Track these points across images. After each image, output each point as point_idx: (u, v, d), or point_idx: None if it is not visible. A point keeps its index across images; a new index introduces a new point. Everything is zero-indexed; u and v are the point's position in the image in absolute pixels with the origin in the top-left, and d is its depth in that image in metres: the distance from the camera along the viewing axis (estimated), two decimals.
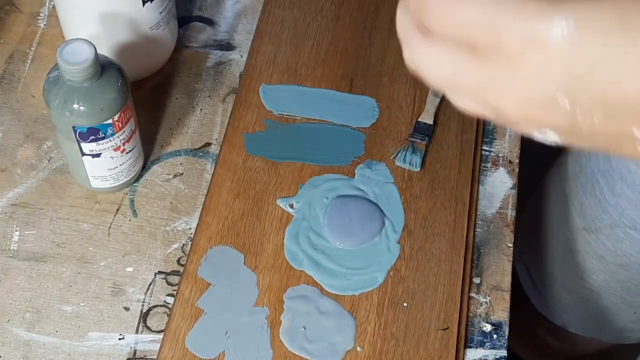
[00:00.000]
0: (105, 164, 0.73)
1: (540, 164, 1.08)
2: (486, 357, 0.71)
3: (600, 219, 0.90)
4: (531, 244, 1.07)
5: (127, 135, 0.73)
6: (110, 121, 0.70)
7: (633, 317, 0.99)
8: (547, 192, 1.02)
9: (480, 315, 0.73)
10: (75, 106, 0.68)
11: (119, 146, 0.73)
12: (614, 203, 0.86)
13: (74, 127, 0.69)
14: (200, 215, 0.75)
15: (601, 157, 0.86)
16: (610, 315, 0.99)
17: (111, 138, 0.71)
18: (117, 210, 0.77)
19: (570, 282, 0.99)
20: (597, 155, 0.86)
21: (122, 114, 0.70)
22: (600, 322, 1.02)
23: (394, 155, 0.79)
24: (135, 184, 0.79)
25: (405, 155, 0.78)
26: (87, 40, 0.67)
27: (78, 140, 0.70)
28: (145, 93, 0.84)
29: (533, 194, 1.07)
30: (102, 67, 0.68)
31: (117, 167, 0.74)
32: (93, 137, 0.70)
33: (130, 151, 0.74)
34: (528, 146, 0.92)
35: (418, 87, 0.84)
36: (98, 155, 0.72)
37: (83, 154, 0.72)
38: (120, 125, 0.71)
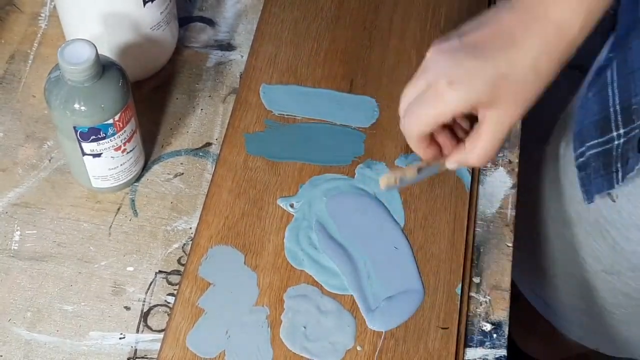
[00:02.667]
0: (106, 164, 0.74)
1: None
2: (486, 357, 0.71)
3: (619, 263, 0.87)
4: (539, 278, 1.05)
5: (127, 135, 0.73)
6: (111, 121, 0.70)
7: None
8: (547, 233, 0.99)
9: (480, 315, 0.73)
10: (76, 106, 0.68)
11: (120, 146, 0.73)
12: (631, 250, 0.84)
13: (74, 127, 0.69)
14: (201, 215, 0.76)
15: (602, 205, 0.84)
16: None
17: (112, 138, 0.71)
18: (118, 210, 0.77)
19: (597, 314, 0.97)
20: (598, 204, 0.84)
21: (123, 114, 0.70)
22: (634, 345, 1.01)
23: None
24: (135, 184, 0.79)
25: None
26: (88, 41, 0.67)
27: (79, 140, 0.71)
28: (146, 93, 0.84)
29: (529, 228, 1.03)
30: (103, 67, 0.68)
31: (117, 166, 0.74)
32: (94, 137, 0.70)
33: (131, 151, 0.74)
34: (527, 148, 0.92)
35: None
36: (99, 155, 0.72)
37: (84, 154, 0.72)
38: (121, 125, 0.71)
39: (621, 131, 0.76)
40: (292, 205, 0.76)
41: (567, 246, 0.94)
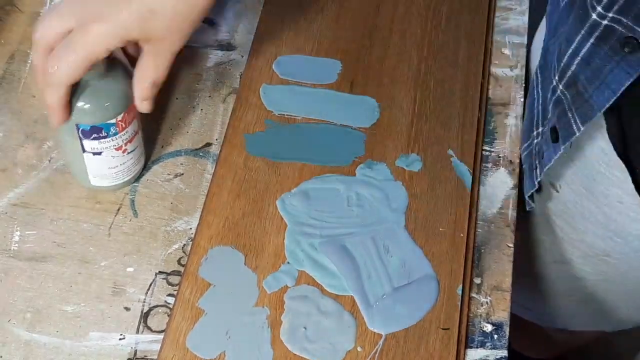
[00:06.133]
0: (106, 163, 0.73)
1: None
2: (487, 358, 0.71)
3: (569, 252, 0.88)
4: None
5: (129, 136, 0.73)
6: (113, 121, 0.70)
7: (627, 312, 0.99)
8: None
9: (480, 316, 0.73)
10: (80, 104, 0.68)
11: (121, 146, 0.73)
12: (579, 239, 0.85)
13: (77, 125, 0.69)
14: (201, 216, 0.75)
15: (548, 197, 0.84)
16: (607, 312, 0.99)
17: (113, 137, 0.71)
18: (118, 210, 0.77)
19: (564, 291, 0.98)
20: (542, 197, 0.85)
21: (126, 115, 0.70)
22: (599, 318, 1.02)
23: None
24: (135, 184, 0.79)
25: None
26: None
27: (80, 138, 0.70)
28: None
29: None
30: (109, 65, 0.68)
31: (117, 166, 0.74)
32: (95, 135, 0.70)
33: (132, 151, 0.74)
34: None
35: (418, 88, 0.84)
36: (99, 153, 0.72)
37: (84, 151, 0.72)
38: (124, 125, 0.71)
39: (540, 129, 0.77)
40: None
41: (520, 241, 0.94)
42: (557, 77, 0.69)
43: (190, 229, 0.76)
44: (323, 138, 0.80)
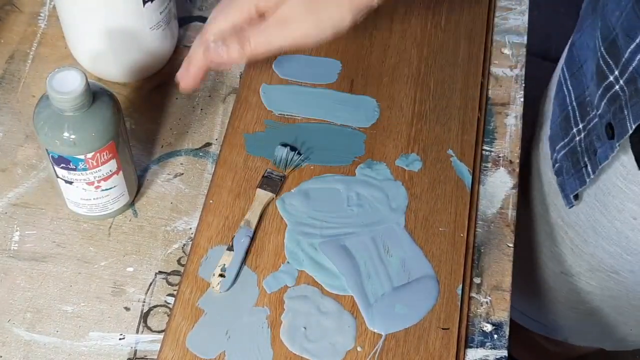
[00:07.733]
0: (78, 193, 0.72)
1: None
2: (487, 357, 0.71)
3: (578, 264, 0.87)
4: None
5: (103, 174, 0.70)
6: (82, 157, 0.67)
7: (629, 331, 0.98)
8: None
9: (480, 315, 0.73)
10: (46, 130, 0.66)
11: (93, 182, 0.70)
12: (589, 252, 0.84)
13: (47, 150, 0.68)
14: (201, 215, 0.75)
15: (563, 208, 0.84)
16: (609, 327, 0.98)
17: (83, 172, 0.69)
18: None
19: (568, 303, 0.98)
20: (557, 205, 0.84)
21: (98, 154, 0.68)
22: (600, 334, 1.01)
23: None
24: None
25: None
26: (78, 70, 0.64)
27: (52, 163, 0.69)
28: (145, 93, 0.84)
29: None
30: (92, 100, 0.65)
31: (91, 199, 0.72)
32: (64, 165, 0.68)
33: (108, 189, 0.72)
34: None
35: (418, 88, 0.84)
36: (70, 182, 0.70)
37: (57, 177, 0.71)
38: (95, 163, 0.68)
39: (580, 126, 0.76)
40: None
41: (530, 249, 0.94)
42: (617, 73, 0.67)
43: (190, 228, 0.76)
44: (323, 138, 0.80)
